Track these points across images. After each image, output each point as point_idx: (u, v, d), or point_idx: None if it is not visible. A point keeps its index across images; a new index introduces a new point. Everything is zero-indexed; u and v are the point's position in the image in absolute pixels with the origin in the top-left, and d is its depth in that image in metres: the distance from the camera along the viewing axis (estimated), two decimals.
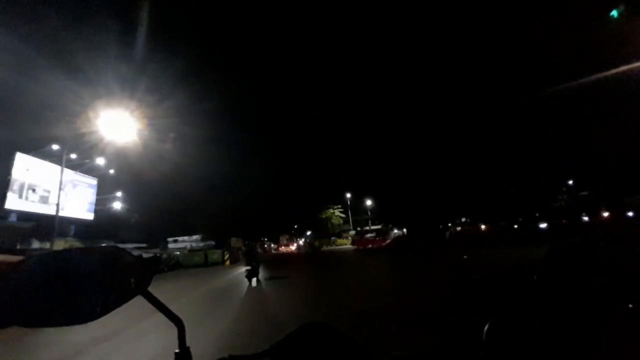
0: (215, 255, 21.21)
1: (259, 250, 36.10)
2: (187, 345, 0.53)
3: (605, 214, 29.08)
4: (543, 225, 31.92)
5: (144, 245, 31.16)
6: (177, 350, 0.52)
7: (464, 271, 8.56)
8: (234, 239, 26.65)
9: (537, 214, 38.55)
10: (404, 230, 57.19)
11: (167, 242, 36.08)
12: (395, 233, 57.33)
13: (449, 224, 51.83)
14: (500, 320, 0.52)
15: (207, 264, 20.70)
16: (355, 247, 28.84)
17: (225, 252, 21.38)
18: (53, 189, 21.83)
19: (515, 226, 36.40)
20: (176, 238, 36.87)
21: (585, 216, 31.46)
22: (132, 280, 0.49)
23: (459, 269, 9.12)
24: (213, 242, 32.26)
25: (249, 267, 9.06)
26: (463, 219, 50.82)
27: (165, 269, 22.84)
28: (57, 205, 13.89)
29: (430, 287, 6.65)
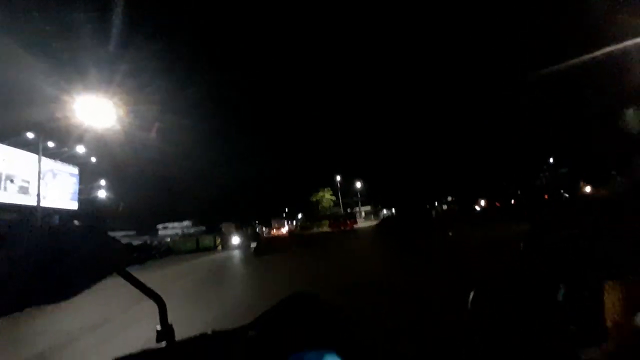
0: (207, 240, 21.28)
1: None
2: (170, 322, 0.52)
3: (587, 189, 30.02)
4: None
5: (133, 233, 30.85)
6: (158, 327, 0.50)
7: (449, 246, 8.88)
8: (225, 224, 26.64)
9: (519, 192, 39.94)
10: (393, 210, 58.24)
11: (157, 229, 35.77)
12: (384, 213, 58.49)
13: (435, 203, 53.24)
14: (484, 288, 0.52)
15: (198, 249, 20.76)
16: (331, 229, 30.69)
17: (217, 238, 21.46)
18: (32, 179, 21.05)
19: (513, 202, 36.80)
20: (166, 225, 36.56)
21: (565, 193, 32.65)
22: (107, 258, 0.48)
23: (444, 244, 9.46)
24: (204, 228, 32.21)
25: (255, 244, 11.11)
26: (449, 198, 52.17)
27: (157, 255, 22.82)
28: (38, 195, 13.44)
29: (416, 261, 6.88)
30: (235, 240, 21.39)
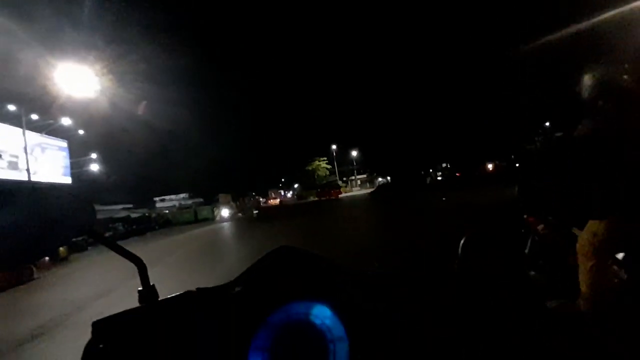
0: (205, 211, 21.56)
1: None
2: (152, 283, 0.51)
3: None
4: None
5: (131, 206, 31.01)
6: (140, 288, 0.50)
7: (441, 208, 9.05)
8: (222, 195, 26.88)
9: (512, 156, 40.26)
10: (388, 178, 59.04)
11: (155, 202, 35.97)
12: (380, 181, 59.15)
13: (430, 170, 53.73)
14: (474, 236, 0.55)
15: (197, 220, 21.11)
16: (317, 198, 32.14)
17: (215, 209, 21.73)
18: (21, 154, 20.55)
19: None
20: (163, 197, 36.71)
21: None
22: (76, 219, 0.47)
23: (437, 207, 9.71)
24: (202, 199, 32.47)
25: (257, 211, 12.88)
26: (444, 165, 52.59)
27: (156, 227, 23.18)
28: (28, 169, 13.21)
29: (409, 222, 7.09)
30: (230, 210, 21.73)
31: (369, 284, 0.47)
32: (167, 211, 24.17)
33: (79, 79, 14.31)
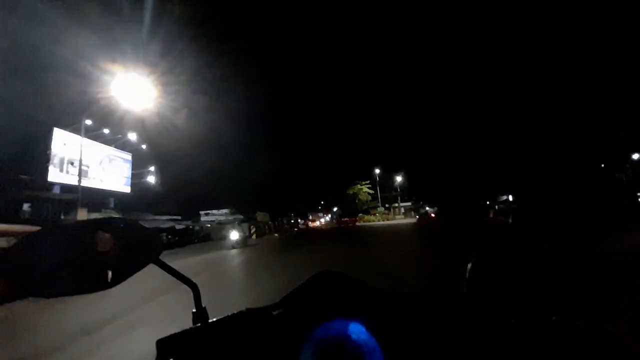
0: (242, 228, 21.37)
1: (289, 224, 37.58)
2: (204, 305, 0.59)
3: None
4: None
5: (178, 217, 32.66)
6: (194, 310, 0.58)
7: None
8: (260, 214, 26.82)
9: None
10: (436, 208, 54.92)
11: (199, 215, 37.48)
12: (426, 211, 55.18)
13: (488, 202, 48.52)
14: (482, 260, 0.58)
15: None
16: (337, 224, 35.19)
17: (252, 226, 21.46)
18: (91, 163, 23.00)
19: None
20: (208, 211, 38.18)
21: None
22: (144, 249, 0.52)
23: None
24: (242, 216, 32.85)
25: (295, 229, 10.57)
26: (504, 197, 47.02)
27: (196, 240, 23.63)
28: (79, 175, 14.20)
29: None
30: (266, 229, 21.21)
31: (398, 303, 0.54)
32: (209, 225, 24.59)
33: (144, 96, 15.42)
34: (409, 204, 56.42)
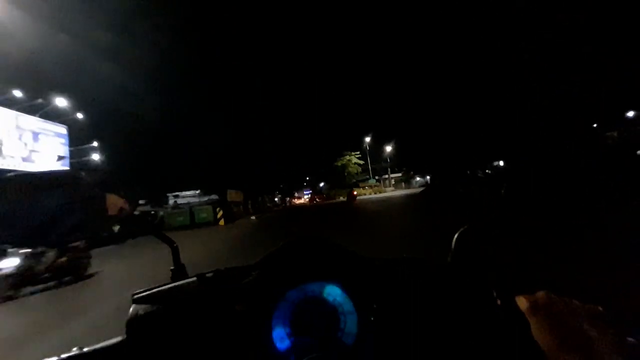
0: (204, 212, 17.23)
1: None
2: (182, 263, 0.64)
3: None
4: None
5: (142, 202, 28.29)
6: (172, 267, 0.61)
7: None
8: (232, 192, 22.64)
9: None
10: (427, 177, 52.25)
11: (167, 198, 33.09)
12: (417, 181, 52.54)
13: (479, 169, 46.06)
14: (469, 229, 0.57)
15: (194, 223, 16.93)
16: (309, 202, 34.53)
17: (218, 209, 17.36)
18: (6, 138, 18.03)
19: None
20: (177, 193, 33.82)
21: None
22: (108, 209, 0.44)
23: None
24: (216, 197, 28.73)
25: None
26: (498, 163, 44.60)
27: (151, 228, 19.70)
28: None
29: None
30: (240, 211, 17.49)
31: (377, 268, 0.54)
32: (161, 212, 20.25)
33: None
34: (400, 174, 53.32)
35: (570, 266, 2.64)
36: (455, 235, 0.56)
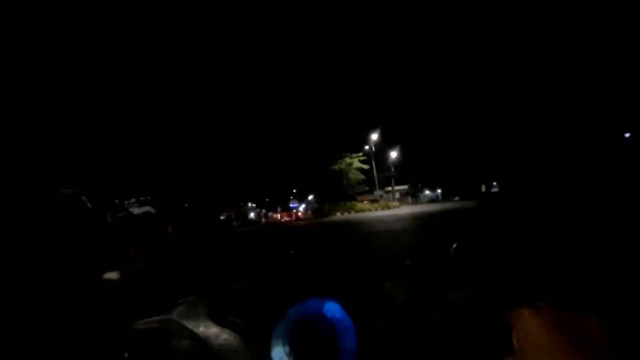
0: None
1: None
2: None
3: None
4: None
5: None
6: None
7: None
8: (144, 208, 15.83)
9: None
10: (439, 191, 44.25)
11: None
12: (426, 195, 44.92)
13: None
14: (468, 238, 0.58)
15: None
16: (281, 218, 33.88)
17: None
18: None
19: None
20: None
21: None
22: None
23: None
24: (150, 208, 21.70)
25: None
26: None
27: None
28: None
29: None
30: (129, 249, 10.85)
31: (375, 282, 0.55)
32: None
33: None
34: (406, 187, 45.64)
35: (570, 267, 2.57)
36: (453, 247, 0.56)
